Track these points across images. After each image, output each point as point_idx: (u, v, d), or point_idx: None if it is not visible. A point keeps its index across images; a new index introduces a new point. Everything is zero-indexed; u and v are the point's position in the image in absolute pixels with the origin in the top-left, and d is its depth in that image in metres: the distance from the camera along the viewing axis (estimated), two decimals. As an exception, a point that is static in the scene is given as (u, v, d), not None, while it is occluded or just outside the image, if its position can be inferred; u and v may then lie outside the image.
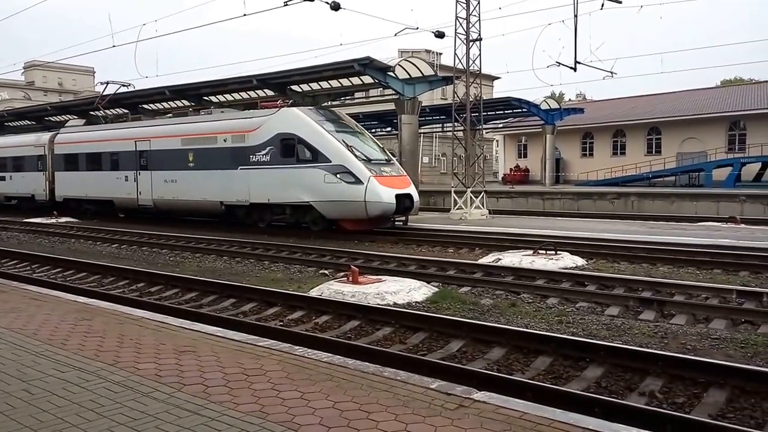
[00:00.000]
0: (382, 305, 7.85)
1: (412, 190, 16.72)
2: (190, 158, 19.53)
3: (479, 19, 20.31)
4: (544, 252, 11.67)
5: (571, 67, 21.55)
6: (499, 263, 11.23)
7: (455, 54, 20.59)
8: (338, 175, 15.83)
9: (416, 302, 8.39)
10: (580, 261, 11.46)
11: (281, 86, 23.10)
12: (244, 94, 25.07)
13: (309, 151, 16.46)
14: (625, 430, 3.69)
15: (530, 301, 8.59)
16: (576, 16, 19.47)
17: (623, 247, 12.61)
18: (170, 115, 23.54)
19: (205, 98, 26.17)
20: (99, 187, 23.32)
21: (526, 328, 6.94)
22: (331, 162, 16.02)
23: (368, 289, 8.58)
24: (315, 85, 22.97)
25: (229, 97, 25.74)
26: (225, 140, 18.38)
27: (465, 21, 20.31)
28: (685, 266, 10.76)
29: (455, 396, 4.10)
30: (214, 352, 4.99)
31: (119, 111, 28.64)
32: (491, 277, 10.04)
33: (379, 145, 18.21)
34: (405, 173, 17.73)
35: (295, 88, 23.29)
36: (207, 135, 18.97)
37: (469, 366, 5.72)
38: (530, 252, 11.84)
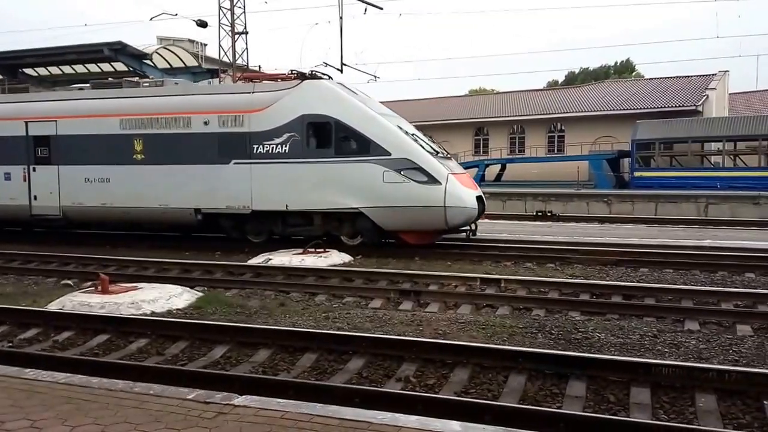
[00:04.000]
0: (137, 315, 7.26)
1: (480, 191, 13.20)
2: (138, 147, 13.70)
3: (245, 12, 20.03)
4: (313, 250, 11.84)
5: (337, 69, 22.27)
6: (269, 263, 11.14)
7: (220, 46, 20.05)
8: (403, 173, 12.04)
9: (178, 309, 7.94)
10: (347, 258, 11.84)
11: (11, 68, 19.96)
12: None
13: (355, 140, 12.36)
14: (380, 415, 3.86)
15: (299, 299, 8.63)
16: (341, 18, 20.13)
17: (387, 243, 13.28)
18: (88, 85, 15.95)
19: None
20: None
21: (294, 326, 6.95)
22: (390, 155, 12.12)
23: (121, 298, 7.87)
24: (55, 70, 20.50)
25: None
26: (206, 123, 13.14)
27: (230, 12, 19.88)
28: (439, 259, 11.68)
29: (214, 404, 3.99)
30: None
31: None
32: (261, 278, 9.91)
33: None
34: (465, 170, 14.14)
35: (29, 71, 20.54)
36: (172, 115, 13.45)
37: (232, 371, 5.56)
38: (300, 251, 11.93)
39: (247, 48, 20.31)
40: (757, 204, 23.21)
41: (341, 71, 21.77)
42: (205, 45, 37.69)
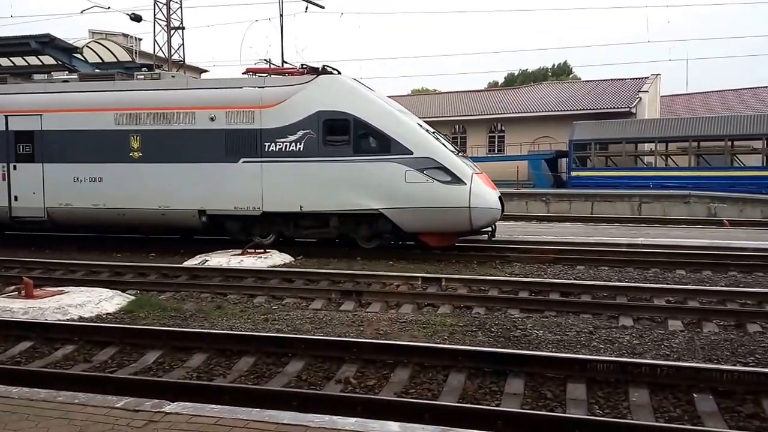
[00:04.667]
0: (63, 321, 6.94)
1: (499, 191, 12.70)
2: (135, 144, 12.72)
3: (181, 6, 19.51)
4: (252, 251, 11.61)
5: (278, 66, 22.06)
6: (206, 265, 10.85)
7: (155, 41, 19.48)
8: (426, 172, 11.53)
9: (107, 314, 7.63)
10: (288, 258, 11.64)
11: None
12: None
13: (375, 137, 11.82)
14: (318, 418, 3.83)
15: (237, 301, 8.43)
16: (282, 15, 19.92)
17: (326, 243, 13.12)
18: (75, 77, 14.58)
19: None
20: None
21: (231, 329, 6.78)
22: (412, 154, 11.60)
23: (46, 303, 7.50)
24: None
25: None
26: (213, 118, 12.33)
27: (165, 6, 19.33)
28: (382, 259, 11.60)
29: (144, 412, 3.87)
30: None
31: None
32: (197, 281, 9.64)
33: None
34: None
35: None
36: (175, 110, 12.56)
37: (165, 377, 5.38)
38: (239, 251, 11.67)
39: (183, 44, 19.79)
40: (687, 203, 24.22)
41: (282, 68, 21.57)
42: (140, 40, 36.71)
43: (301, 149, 12.02)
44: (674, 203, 24.40)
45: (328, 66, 12.69)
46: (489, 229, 12.35)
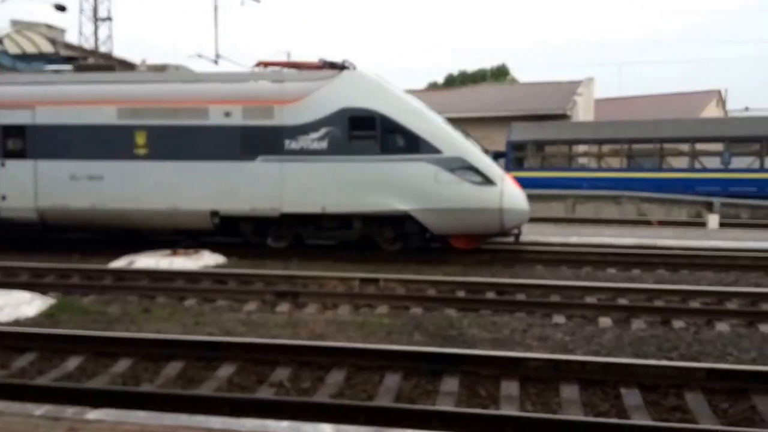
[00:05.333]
0: (-22, 326, 6.53)
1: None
2: (141, 141, 11.90)
3: (109, -4, 18.85)
4: (183, 251, 11.27)
5: (213, 60, 21.66)
6: (132, 266, 10.44)
7: (81, 32, 18.73)
8: (457, 172, 11.16)
9: (27, 318, 7.25)
10: (221, 259, 11.34)
11: None
12: None
13: (404, 136, 11.33)
14: (249, 423, 3.78)
15: (166, 304, 8.14)
16: (216, 8, 19.59)
17: (261, 244, 12.81)
18: (70, 67, 13.73)
19: None
20: None
21: (159, 333, 6.52)
22: (442, 153, 11.18)
23: (-41, 308, 7.07)
24: None
25: None
26: (228, 114, 11.63)
27: (92, -5, 18.63)
28: (319, 260, 11.41)
29: (65, 419, 3.76)
30: None
31: None
32: (123, 282, 9.28)
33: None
34: None
35: None
36: (186, 104, 11.83)
37: (88, 384, 5.14)
38: (169, 252, 11.30)
39: (111, 35, 19.10)
40: (619, 203, 25.07)
41: (216, 62, 21.17)
42: (65, 31, 35.19)
43: (325, 147, 11.50)
44: (606, 203, 25.20)
45: (347, 61, 12.19)
46: (516, 231, 12.11)
